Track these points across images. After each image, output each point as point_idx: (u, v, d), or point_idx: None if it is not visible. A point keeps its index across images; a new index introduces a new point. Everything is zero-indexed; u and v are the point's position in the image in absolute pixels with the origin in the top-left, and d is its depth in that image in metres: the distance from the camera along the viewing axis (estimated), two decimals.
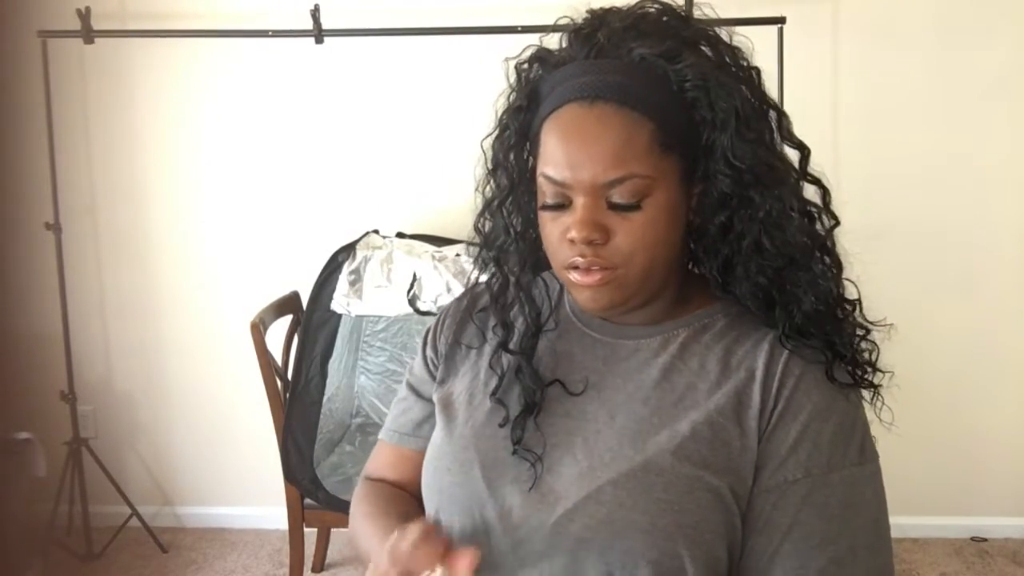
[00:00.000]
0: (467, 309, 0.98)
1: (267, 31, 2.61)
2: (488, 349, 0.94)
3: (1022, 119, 2.71)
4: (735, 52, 0.83)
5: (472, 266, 0.95)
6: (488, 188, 0.90)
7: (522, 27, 2.28)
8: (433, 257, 2.41)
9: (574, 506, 0.80)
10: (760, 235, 0.81)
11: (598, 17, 0.83)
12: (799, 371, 0.81)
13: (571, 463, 0.83)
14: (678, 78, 0.78)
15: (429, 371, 0.99)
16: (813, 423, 0.79)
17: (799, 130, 0.85)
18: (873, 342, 0.86)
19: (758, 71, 0.84)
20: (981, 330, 2.78)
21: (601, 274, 0.80)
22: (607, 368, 0.87)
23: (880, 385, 0.85)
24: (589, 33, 0.82)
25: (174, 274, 2.96)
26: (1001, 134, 2.71)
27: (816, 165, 0.85)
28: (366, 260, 2.41)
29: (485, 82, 0.92)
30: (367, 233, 2.56)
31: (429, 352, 1.00)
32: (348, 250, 2.44)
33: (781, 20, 2.43)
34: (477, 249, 0.93)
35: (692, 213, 0.83)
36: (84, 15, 2.56)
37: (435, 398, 0.96)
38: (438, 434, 0.93)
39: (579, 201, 0.79)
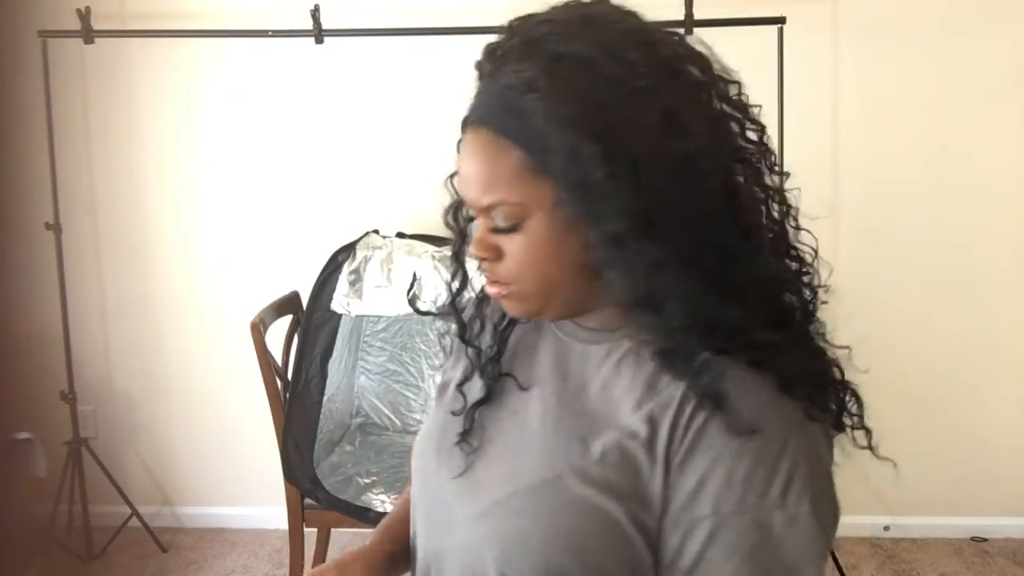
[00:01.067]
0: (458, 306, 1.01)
1: (267, 31, 2.61)
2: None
3: (1022, 120, 2.71)
4: (663, 60, 0.74)
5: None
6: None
7: None
8: (433, 257, 2.41)
9: (486, 508, 0.80)
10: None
11: (510, 29, 0.78)
12: (719, 398, 0.73)
13: (497, 462, 0.83)
14: (533, 109, 0.73)
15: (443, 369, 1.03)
16: (725, 457, 0.73)
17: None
18: (825, 371, 0.78)
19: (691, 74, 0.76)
20: (981, 330, 2.78)
21: (496, 288, 0.82)
22: (557, 369, 0.86)
23: (828, 416, 0.77)
24: (493, 50, 0.79)
25: (174, 274, 2.96)
26: (1001, 134, 2.71)
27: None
28: (366, 260, 2.41)
29: None
30: (367, 233, 2.56)
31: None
32: (348, 250, 2.43)
33: (781, 20, 2.43)
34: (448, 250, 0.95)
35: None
36: (84, 15, 2.57)
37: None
38: (424, 423, 0.97)
39: (477, 220, 0.81)
